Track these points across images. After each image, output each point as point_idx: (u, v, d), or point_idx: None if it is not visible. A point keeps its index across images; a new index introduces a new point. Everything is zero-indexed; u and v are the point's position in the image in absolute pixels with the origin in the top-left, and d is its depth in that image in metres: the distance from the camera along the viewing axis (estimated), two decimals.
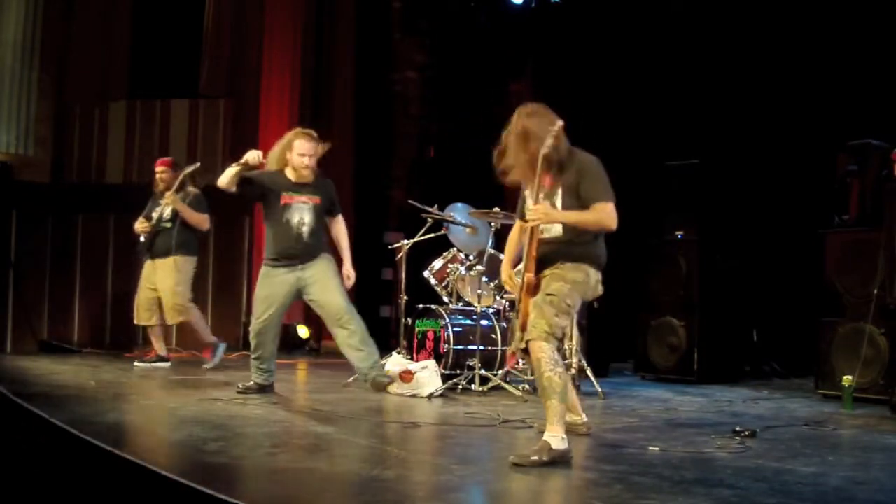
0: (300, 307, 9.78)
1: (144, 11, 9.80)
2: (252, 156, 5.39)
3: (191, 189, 7.19)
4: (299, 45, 9.75)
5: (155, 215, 7.16)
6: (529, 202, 3.97)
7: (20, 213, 9.31)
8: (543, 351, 3.72)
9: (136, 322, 7.37)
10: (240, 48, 9.76)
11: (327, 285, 5.51)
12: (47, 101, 9.54)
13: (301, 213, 5.55)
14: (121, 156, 9.87)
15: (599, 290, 4.04)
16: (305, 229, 5.54)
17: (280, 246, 5.55)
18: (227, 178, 5.42)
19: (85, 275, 9.65)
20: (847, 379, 5.58)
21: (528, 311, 3.84)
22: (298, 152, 5.52)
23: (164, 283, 7.12)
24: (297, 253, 5.53)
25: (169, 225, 7.10)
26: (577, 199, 3.89)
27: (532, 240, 3.84)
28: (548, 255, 3.91)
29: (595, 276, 3.98)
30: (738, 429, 4.44)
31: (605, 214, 3.86)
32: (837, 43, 7.25)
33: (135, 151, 9.85)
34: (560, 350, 3.96)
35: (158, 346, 7.27)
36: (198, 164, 7.25)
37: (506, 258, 4.35)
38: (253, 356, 5.67)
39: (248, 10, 9.78)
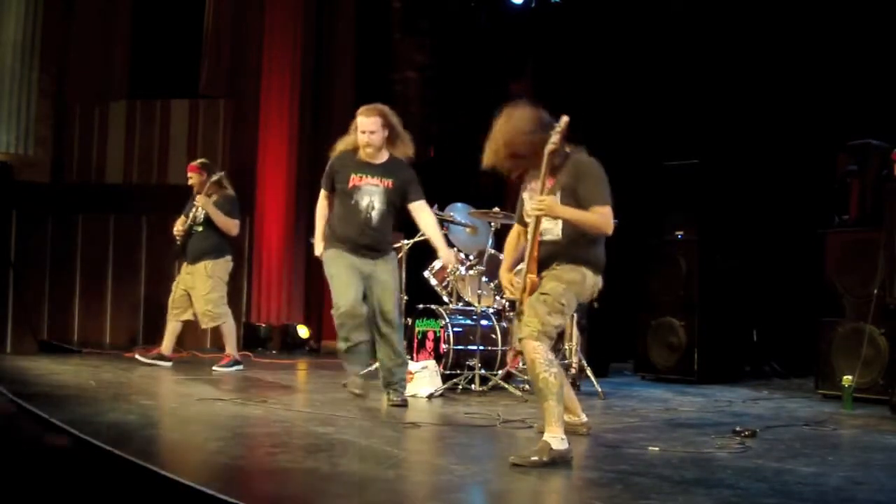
0: (300, 307, 9.79)
1: (144, 11, 9.81)
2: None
3: (225, 191, 7.16)
4: (299, 45, 9.75)
5: (190, 217, 7.16)
6: (528, 204, 3.98)
7: (20, 213, 9.33)
8: (537, 351, 3.72)
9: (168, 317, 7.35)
10: (240, 48, 9.76)
11: (386, 290, 5.27)
12: (47, 101, 9.56)
13: (371, 196, 5.21)
14: (121, 156, 9.89)
15: (595, 293, 4.05)
16: (375, 214, 5.20)
17: (347, 231, 5.22)
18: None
19: (85, 275, 9.66)
20: (847, 379, 5.58)
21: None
22: (360, 129, 5.18)
23: (198, 289, 7.10)
24: (366, 242, 5.21)
25: (200, 228, 7.09)
26: (575, 201, 3.89)
27: (533, 241, 3.85)
28: (547, 257, 3.92)
29: (592, 278, 3.97)
30: (738, 429, 4.44)
31: (603, 218, 3.87)
32: (837, 43, 7.24)
33: (135, 151, 9.88)
34: (559, 350, 3.97)
35: (167, 344, 7.21)
36: (222, 173, 7.22)
37: (504, 262, 4.32)
38: (350, 344, 5.12)
39: (248, 10, 9.78)
